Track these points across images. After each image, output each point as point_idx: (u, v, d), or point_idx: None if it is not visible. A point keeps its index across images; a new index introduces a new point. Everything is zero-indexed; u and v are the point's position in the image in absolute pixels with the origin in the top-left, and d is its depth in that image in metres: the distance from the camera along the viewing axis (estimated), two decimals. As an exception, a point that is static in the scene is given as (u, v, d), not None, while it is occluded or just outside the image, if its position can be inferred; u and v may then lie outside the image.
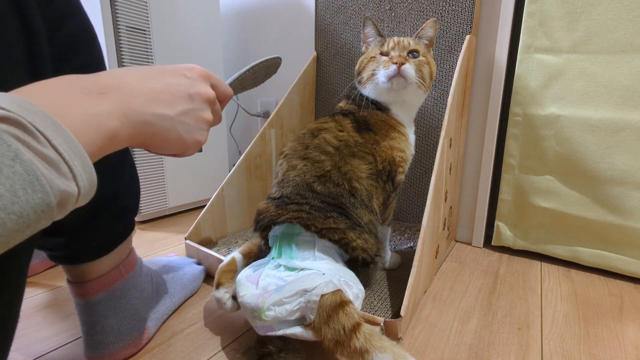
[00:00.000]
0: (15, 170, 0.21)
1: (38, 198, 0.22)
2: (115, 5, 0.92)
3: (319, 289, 0.46)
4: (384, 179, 0.63)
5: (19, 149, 0.21)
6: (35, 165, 0.22)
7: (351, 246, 0.56)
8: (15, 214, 0.21)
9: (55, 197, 0.23)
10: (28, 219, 0.22)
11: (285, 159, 0.63)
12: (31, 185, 0.21)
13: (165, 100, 0.33)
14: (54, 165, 0.23)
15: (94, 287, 0.49)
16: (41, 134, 0.22)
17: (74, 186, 0.24)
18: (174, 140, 0.35)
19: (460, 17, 0.87)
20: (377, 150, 0.62)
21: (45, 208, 0.22)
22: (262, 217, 0.59)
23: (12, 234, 0.21)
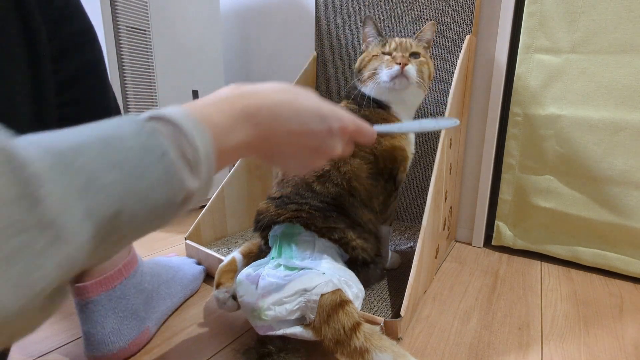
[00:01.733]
0: (159, 168, 0.23)
1: (170, 194, 0.24)
2: (115, 5, 0.92)
3: (318, 289, 0.46)
4: (385, 178, 0.63)
5: (167, 148, 0.24)
6: (175, 165, 0.24)
7: (351, 245, 0.56)
8: (149, 206, 0.23)
9: (182, 195, 0.25)
10: (157, 213, 0.24)
11: None
12: (168, 183, 0.24)
13: (298, 147, 0.35)
14: (189, 164, 0.25)
15: (94, 287, 0.49)
16: (190, 135, 0.25)
17: (197, 186, 0.26)
18: (286, 168, 0.42)
19: (460, 17, 0.87)
20: (378, 150, 0.62)
21: (172, 204, 0.25)
22: (262, 217, 0.59)
23: (142, 224, 0.24)
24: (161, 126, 0.24)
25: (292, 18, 1.28)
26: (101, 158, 0.21)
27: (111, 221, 0.21)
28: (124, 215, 0.22)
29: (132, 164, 0.22)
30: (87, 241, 0.20)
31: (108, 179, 0.21)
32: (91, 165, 0.20)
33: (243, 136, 0.30)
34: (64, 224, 0.19)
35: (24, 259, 0.17)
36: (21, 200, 0.17)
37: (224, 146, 0.29)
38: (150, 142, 0.23)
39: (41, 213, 0.18)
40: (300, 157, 0.37)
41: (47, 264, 0.18)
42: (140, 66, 1.00)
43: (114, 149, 0.22)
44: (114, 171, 0.21)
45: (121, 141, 0.22)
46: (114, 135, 0.22)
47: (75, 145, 0.21)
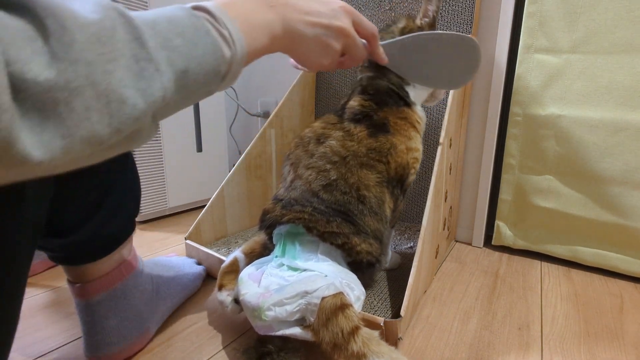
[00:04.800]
0: (207, 41, 0.31)
1: (217, 63, 0.32)
2: (115, 5, 0.92)
3: (320, 292, 0.46)
4: (394, 184, 0.61)
5: (209, 28, 0.31)
6: (218, 40, 0.32)
7: (355, 250, 0.55)
8: (205, 70, 0.31)
9: (224, 67, 0.33)
10: (208, 78, 0.32)
11: (292, 167, 0.62)
12: (215, 53, 0.31)
13: (307, 21, 0.42)
14: (226, 42, 0.33)
15: (94, 287, 0.49)
16: (222, 20, 0.33)
17: (232, 60, 0.33)
18: (304, 55, 0.45)
19: (460, 17, 0.87)
20: (392, 156, 0.59)
21: (217, 73, 0.32)
22: (268, 217, 0.59)
23: (200, 87, 0.31)
24: (203, 14, 0.32)
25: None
26: (170, 28, 0.29)
27: (183, 75, 0.29)
28: (190, 73, 0.30)
29: (190, 35, 0.30)
30: (171, 82, 0.28)
31: (177, 42, 0.29)
32: (165, 32, 0.28)
33: (265, 20, 0.38)
34: (160, 62, 0.27)
35: (144, 77, 0.26)
36: (136, 41, 0.26)
37: (250, 28, 0.36)
38: (199, 23, 0.31)
39: (147, 51, 0.26)
40: (312, 45, 0.44)
41: (157, 83, 0.27)
42: (140, 66, 1.00)
43: (176, 25, 0.29)
44: (179, 38, 0.29)
45: (179, 20, 0.30)
46: (174, 16, 0.30)
47: (152, 19, 0.28)
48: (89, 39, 0.23)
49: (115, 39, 0.24)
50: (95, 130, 0.24)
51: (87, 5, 0.24)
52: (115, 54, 0.24)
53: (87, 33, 0.23)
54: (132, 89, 0.25)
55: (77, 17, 0.23)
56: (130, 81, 0.25)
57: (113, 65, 0.24)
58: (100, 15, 0.24)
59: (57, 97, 0.22)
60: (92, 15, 0.24)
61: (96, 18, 0.24)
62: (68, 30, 0.22)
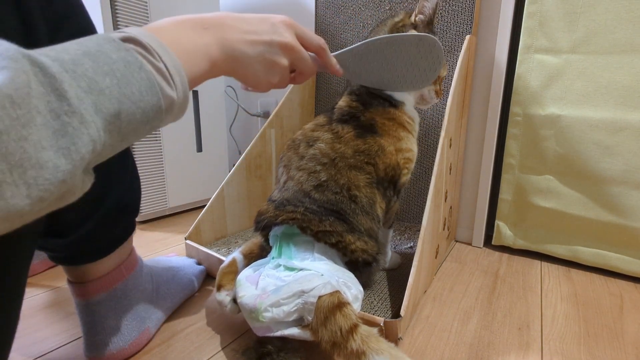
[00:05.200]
0: (141, 76, 0.28)
1: (155, 99, 0.29)
2: (115, 5, 0.92)
3: (316, 290, 0.45)
4: (385, 186, 0.61)
5: (142, 61, 0.29)
6: (153, 74, 0.29)
7: (350, 249, 0.55)
8: (142, 109, 0.28)
9: (164, 102, 0.30)
10: (148, 116, 0.29)
11: (285, 169, 0.63)
12: (151, 89, 0.29)
13: (248, 40, 0.40)
14: (163, 76, 0.30)
15: (94, 287, 0.49)
16: (155, 52, 0.30)
17: (175, 95, 0.31)
18: (251, 75, 0.43)
19: (460, 17, 0.87)
20: (380, 157, 0.60)
21: (158, 110, 0.30)
22: (262, 218, 0.59)
23: (138, 126, 0.29)
24: (133, 45, 0.29)
25: (292, 18, 1.28)
26: (96, 67, 0.26)
27: (114, 119, 0.27)
28: (123, 115, 0.27)
29: (120, 73, 0.27)
30: (100, 131, 0.26)
31: (105, 83, 0.26)
32: (89, 73, 0.25)
33: (200, 44, 0.36)
34: (84, 113, 0.24)
35: (66, 134, 0.23)
36: (52, 94, 0.23)
37: (185, 55, 0.34)
38: (129, 56, 0.28)
39: (68, 103, 0.24)
40: (257, 64, 0.42)
41: (82, 137, 0.24)
42: (140, 66, 1.00)
43: (103, 62, 0.26)
44: (107, 77, 0.26)
45: (107, 56, 0.27)
46: (99, 52, 0.27)
47: (71, 58, 0.25)
48: (1, 104, 0.20)
49: (31, 96, 0.22)
50: (12, 206, 0.21)
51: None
52: (31, 115, 0.21)
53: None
54: (52, 150, 0.22)
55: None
56: (49, 142, 0.22)
57: (28, 130, 0.21)
58: (10, 72, 0.21)
59: None
60: (1, 75, 0.21)
61: (7, 76, 0.21)
62: None
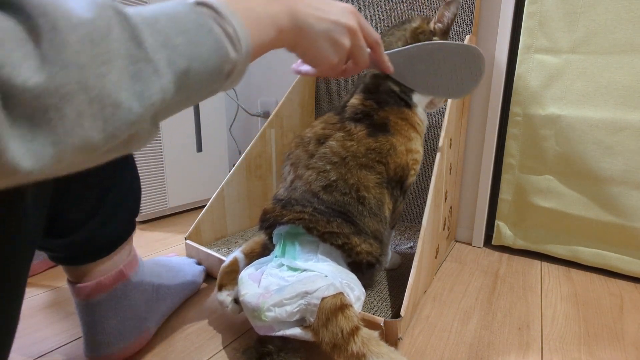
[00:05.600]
0: (210, 39, 0.30)
1: (220, 62, 0.31)
2: (115, 5, 0.92)
3: (320, 292, 0.45)
4: (393, 185, 0.61)
5: (213, 25, 0.30)
6: (222, 38, 0.30)
7: (355, 251, 0.55)
8: (208, 70, 0.30)
9: (228, 66, 0.31)
10: (212, 78, 0.31)
11: (292, 167, 0.62)
12: (218, 52, 0.30)
13: (317, 16, 0.41)
14: (230, 39, 0.31)
15: (95, 287, 0.49)
16: (226, 17, 0.31)
17: (237, 59, 0.32)
18: (312, 51, 0.43)
19: (460, 17, 0.87)
20: (392, 156, 0.59)
21: (221, 72, 0.31)
22: (268, 217, 0.59)
23: (202, 86, 0.30)
24: (206, 10, 0.30)
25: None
26: (171, 26, 0.27)
27: (183, 76, 0.28)
28: (191, 74, 0.28)
29: (192, 33, 0.28)
30: (171, 84, 0.27)
31: (178, 40, 0.27)
32: (165, 30, 0.27)
33: (271, 11, 0.37)
34: (159, 62, 0.26)
35: (141, 79, 0.25)
36: (133, 41, 0.25)
37: (255, 22, 0.35)
38: (201, 20, 0.29)
39: (145, 51, 0.25)
40: (321, 39, 0.42)
41: (155, 85, 0.26)
42: (140, 66, 1.00)
43: (177, 22, 0.28)
44: (180, 36, 0.28)
45: (181, 17, 0.28)
46: (175, 13, 0.28)
47: (151, 15, 0.27)
48: (82, 40, 0.22)
49: (110, 39, 0.23)
50: (88, 137, 0.23)
51: (81, 3, 0.23)
52: (110, 55, 0.23)
53: (79, 33, 0.22)
54: (128, 92, 0.24)
55: (70, 17, 0.22)
56: (125, 84, 0.24)
57: (107, 68, 0.23)
58: (94, 13, 0.23)
59: (48, 103, 0.21)
60: (85, 14, 0.23)
61: (90, 17, 0.23)
62: (60, 30, 0.21)
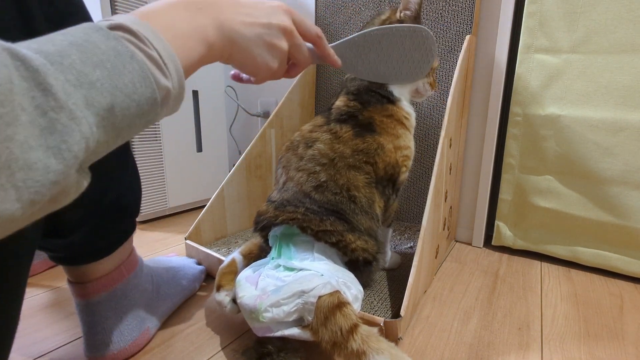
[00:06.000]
0: (133, 67, 0.26)
1: (149, 91, 0.27)
2: (115, 5, 0.92)
3: (316, 291, 0.46)
4: (384, 184, 0.62)
5: (134, 50, 0.26)
6: (146, 64, 0.27)
7: (350, 248, 0.56)
8: (136, 102, 0.26)
9: (160, 93, 0.28)
10: (142, 109, 0.27)
11: (284, 170, 0.63)
12: (145, 80, 0.27)
13: (246, 22, 0.38)
14: (156, 64, 0.28)
15: (95, 287, 0.49)
16: (147, 39, 0.28)
17: (170, 85, 0.29)
18: (249, 60, 0.39)
19: (460, 17, 0.87)
20: (380, 156, 0.60)
21: (154, 102, 0.28)
22: (262, 219, 0.59)
23: (133, 120, 0.27)
24: (122, 33, 0.27)
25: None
26: (84, 59, 0.24)
27: (108, 114, 0.25)
28: (117, 110, 0.25)
29: (111, 63, 0.25)
30: (93, 127, 0.24)
31: (95, 75, 0.24)
32: (77, 65, 0.23)
33: (195, 25, 0.33)
34: (73, 108, 0.22)
35: (56, 131, 0.22)
36: (36, 89, 0.21)
37: (180, 40, 0.31)
38: (119, 45, 0.26)
39: (54, 98, 0.22)
40: (255, 47, 0.39)
41: (73, 134, 0.22)
42: (140, 66, 1.00)
43: (91, 52, 0.24)
44: (97, 69, 0.24)
45: (95, 45, 0.25)
46: (88, 42, 0.25)
47: (57, 50, 0.23)
48: None
49: (13, 93, 0.20)
50: (2, 211, 0.20)
51: None
52: (15, 112, 0.20)
53: None
54: (41, 149, 0.21)
55: None
56: (37, 141, 0.21)
57: (13, 129, 0.20)
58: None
59: None
60: None
61: None
62: None
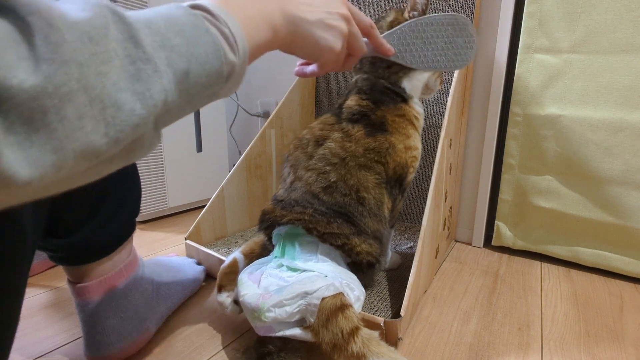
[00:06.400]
0: (207, 39, 0.29)
1: (219, 63, 0.29)
2: (115, 4, 0.92)
3: (320, 292, 0.46)
4: (392, 184, 0.61)
5: (209, 25, 0.29)
6: (219, 38, 0.29)
7: (355, 251, 0.55)
8: (207, 71, 0.29)
9: (226, 67, 0.30)
10: (211, 80, 0.29)
11: (292, 169, 0.62)
12: (216, 52, 0.29)
13: (308, 9, 0.40)
14: (227, 41, 0.30)
15: (95, 287, 0.49)
16: (221, 18, 0.30)
17: (235, 61, 0.31)
18: (311, 43, 0.41)
19: (460, 17, 0.87)
20: (391, 155, 0.59)
21: (220, 75, 0.30)
22: (267, 218, 0.59)
23: (202, 89, 0.29)
24: (201, 12, 0.30)
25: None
26: (168, 27, 0.27)
27: (183, 77, 0.27)
28: (191, 75, 0.27)
29: (189, 34, 0.28)
30: (172, 84, 0.26)
31: (176, 41, 0.27)
32: (163, 30, 0.26)
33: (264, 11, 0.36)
34: (158, 62, 0.25)
35: (141, 79, 0.24)
36: (130, 40, 0.24)
37: (250, 22, 0.34)
38: (197, 21, 0.29)
39: (143, 51, 0.24)
40: (318, 29, 0.41)
41: (156, 86, 0.25)
42: (140, 66, 1.00)
43: (174, 23, 0.27)
44: (178, 36, 0.27)
45: (177, 18, 0.28)
46: (171, 14, 0.28)
47: (146, 16, 0.26)
48: (80, 38, 0.21)
49: (109, 38, 0.22)
50: (91, 142, 0.21)
51: (75, 4, 0.22)
52: (109, 54, 0.22)
53: (77, 31, 0.21)
54: (129, 92, 0.23)
55: (65, 15, 0.21)
56: (126, 84, 0.23)
57: (107, 67, 0.22)
58: (90, 12, 0.22)
59: (46, 104, 0.19)
60: (81, 14, 0.22)
61: (87, 16, 0.22)
62: (56, 28, 0.20)
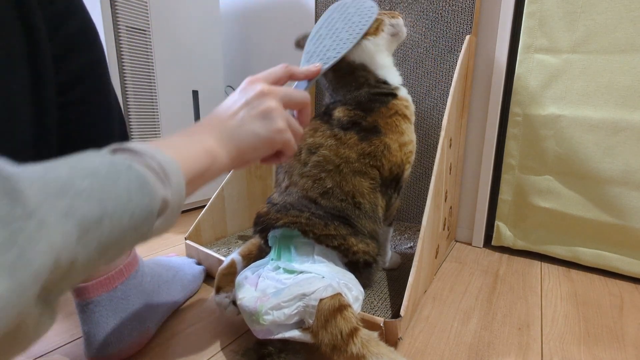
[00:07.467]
0: (130, 175, 0.25)
1: (147, 200, 0.26)
2: (115, 5, 0.92)
3: (317, 293, 0.45)
4: (387, 185, 0.62)
5: (132, 161, 0.26)
6: (145, 172, 0.26)
7: (352, 251, 0.56)
8: (129, 212, 0.24)
9: (157, 203, 0.27)
10: (136, 220, 0.25)
11: (286, 175, 0.62)
12: (142, 188, 0.26)
13: (231, 114, 0.39)
14: (156, 173, 0.27)
15: (95, 288, 0.49)
16: (146, 153, 0.28)
17: (168, 194, 0.28)
18: (256, 140, 0.39)
19: (460, 17, 0.87)
20: (386, 156, 0.60)
21: (150, 212, 0.26)
22: (262, 221, 0.59)
23: (124, 234, 0.25)
24: (122, 152, 0.28)
25: (292, 18, 1.28)
26: (73, 171, 0.23)
27: (93, 226, 0.22)
28: (106, 221, 0.23)
29: (105, 174, 0.24)
30: (70, 238, 0.21)
31: (84, 185, 0.22)
32: (63, 176, 0.22)
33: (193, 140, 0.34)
34: (46, 215, 0.20)
35: (17, 243, 0.18)
36: (6, 197, 0.19)
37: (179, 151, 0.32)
38: (116, 159, 0.25)
39: (23, 205, 0.19)
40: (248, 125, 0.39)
41: (39, 246, 0.19)
42: (140, 66, 1.00)
43: (83, 167, 0.23)
44: (87, 179, 0.23)
45: (89, 161, 0.24)
46: (80, 159, 0.24)
47: (41, 166, 0.22)
48: None
49: None
50: None
51: None
52: None
53: None
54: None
55: None
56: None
57: None
58: None
59: None
60: None
61: None
62: None
